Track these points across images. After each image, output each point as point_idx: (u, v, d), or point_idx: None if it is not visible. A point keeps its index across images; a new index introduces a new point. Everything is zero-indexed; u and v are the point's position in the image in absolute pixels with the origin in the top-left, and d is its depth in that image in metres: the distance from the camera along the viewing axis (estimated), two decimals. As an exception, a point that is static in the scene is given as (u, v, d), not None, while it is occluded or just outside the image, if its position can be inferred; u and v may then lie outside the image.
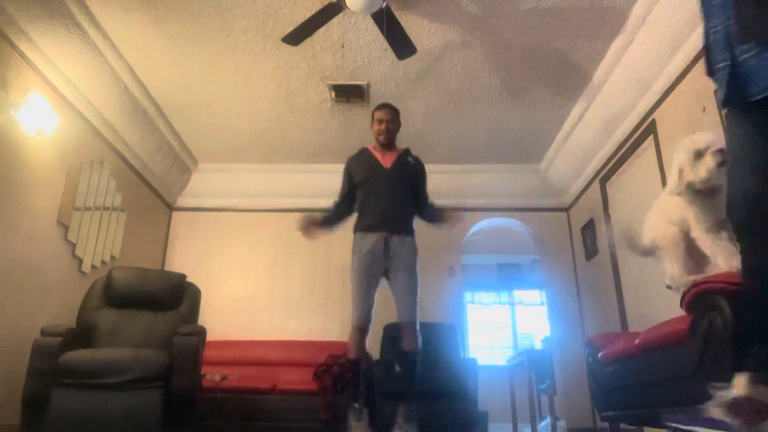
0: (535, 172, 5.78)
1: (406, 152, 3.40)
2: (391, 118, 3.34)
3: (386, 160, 3.32)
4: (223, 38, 3.84)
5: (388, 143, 3.36)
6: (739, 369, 1.34)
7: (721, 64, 1.39)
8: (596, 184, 5.07)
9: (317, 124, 4.97)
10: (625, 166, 4.50)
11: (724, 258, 2.03)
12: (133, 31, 3.78)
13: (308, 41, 3.61)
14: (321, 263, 5.62)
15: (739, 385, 1.33)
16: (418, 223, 3.38)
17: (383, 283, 3.21)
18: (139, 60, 4.09)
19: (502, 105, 4.63)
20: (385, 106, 3.38)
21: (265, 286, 5.58)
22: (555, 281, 5.60)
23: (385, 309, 3.28)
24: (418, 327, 3.05)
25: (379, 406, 3.94)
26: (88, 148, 4.24)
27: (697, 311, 2.09)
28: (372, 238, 3.14)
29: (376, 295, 3.13)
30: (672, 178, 2.12)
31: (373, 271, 3.12)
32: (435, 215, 3.39)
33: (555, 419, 4.29)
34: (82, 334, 3.39)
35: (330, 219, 3.36)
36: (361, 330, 3.08)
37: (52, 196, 3.81)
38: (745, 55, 1.33)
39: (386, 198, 3.21)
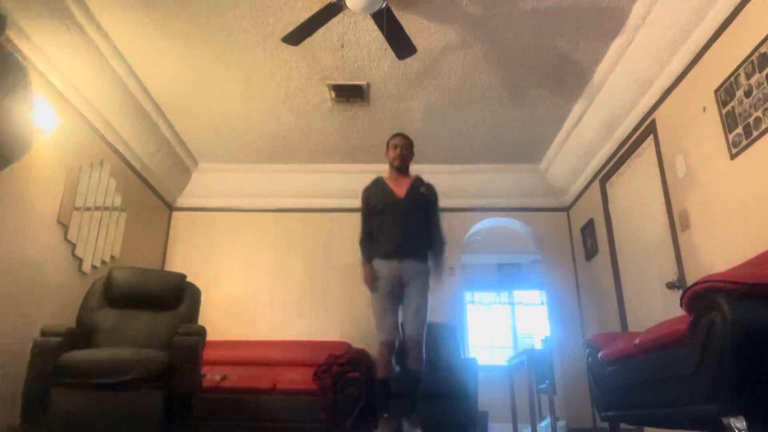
0: (535, 172, 5.77)
1: (418, 181, 3.58)
2: (405, 144, 3.62)
3: (400, 190, 3.52)
4: (223, 38, 3.84)
5: (402, 168, 3.59)
6: None
7: None
8: (596, 184, 5.07)
9: (317, 124, 4.97)
10: (625, 166, 4.50)
11: None
12: (133, 32, 3.78)
13: (308, 41, 3.61)
14: (321, 263, 5.62)
15: None
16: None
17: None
18: (140, 60, 4.09)
19: (502, 105, 4.63)
20: (401, 135, 3.68)
21: (265, 286, 5.58)
22: (555, 281, 5.60)
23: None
24: (423, 348, 3.19)
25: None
26: (88, 149, 4.24)
27: (697, 311, 2.09)
28: (389, 264, 3.33)
29: (399, 314, 3.30)
30: None
31: (393, 293, 3.31)
32: (435, 258, 3.52)
33: (555, 419, 4.29)
34: (82, 334, 3.39)
35: (370, 255, 3.49)
36: (390, 345, 3.20)
37: (52, 196, 3.81)
38: None
39: (400, 227, 3.40)
